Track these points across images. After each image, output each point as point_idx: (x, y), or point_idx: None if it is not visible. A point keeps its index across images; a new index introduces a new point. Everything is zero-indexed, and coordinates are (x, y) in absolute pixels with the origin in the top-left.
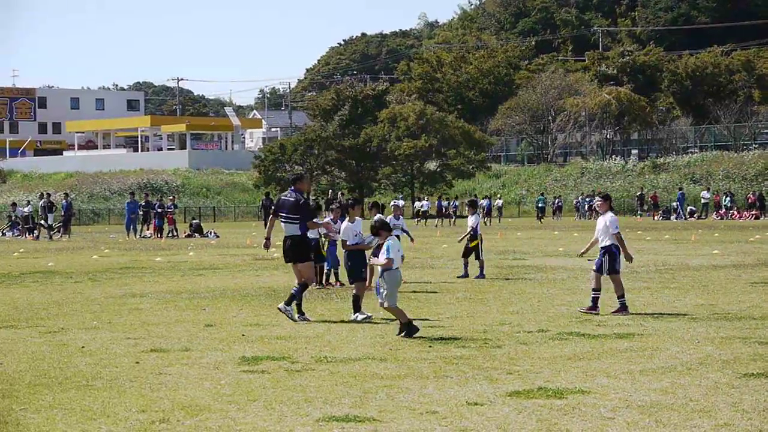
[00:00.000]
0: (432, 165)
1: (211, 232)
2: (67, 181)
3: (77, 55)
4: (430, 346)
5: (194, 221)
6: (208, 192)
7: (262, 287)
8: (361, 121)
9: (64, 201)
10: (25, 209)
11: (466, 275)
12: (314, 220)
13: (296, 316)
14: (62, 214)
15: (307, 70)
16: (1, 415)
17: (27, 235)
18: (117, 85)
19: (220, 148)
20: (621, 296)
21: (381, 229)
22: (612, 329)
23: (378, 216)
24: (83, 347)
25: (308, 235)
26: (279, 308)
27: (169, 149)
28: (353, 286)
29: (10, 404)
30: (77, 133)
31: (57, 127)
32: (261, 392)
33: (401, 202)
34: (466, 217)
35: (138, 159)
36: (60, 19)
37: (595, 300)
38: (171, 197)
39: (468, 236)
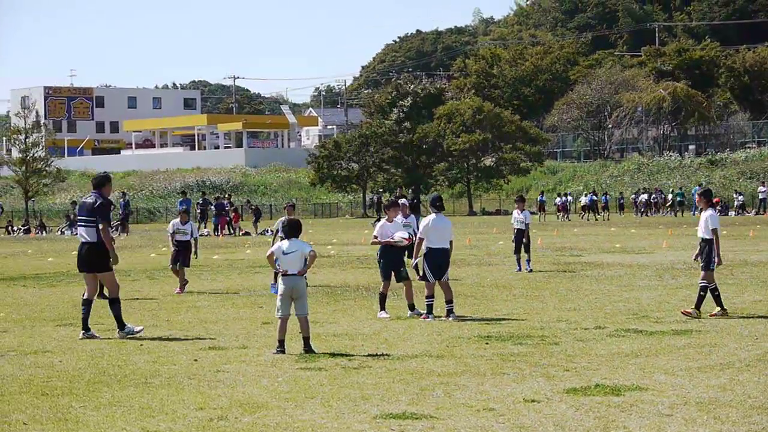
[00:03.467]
0: (488, 161)
1: (267, 230)
2: (125, 180)
3: (134, 54)
4: (486, 344)
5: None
6: (266, 190)
7: (318, 285)
8: (417, 117)
9: (121, 200)
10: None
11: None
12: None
13: (134, 328)
14: (120, 212)
15: (363, 67)
16: (61, 412)
17: None
18: (174, 84)
19: (276, 146)
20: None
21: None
22: (670, 326)
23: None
24: (142, 345)
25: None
26: (118, 337)
27: (225, 147)
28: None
29: (70, 401)
30: (134, 132)
31: (114, 126)
32: (318, 389)
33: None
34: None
35: (195, 157)
36: (117, 18)
37: (429, 306)
38: (227, 195)
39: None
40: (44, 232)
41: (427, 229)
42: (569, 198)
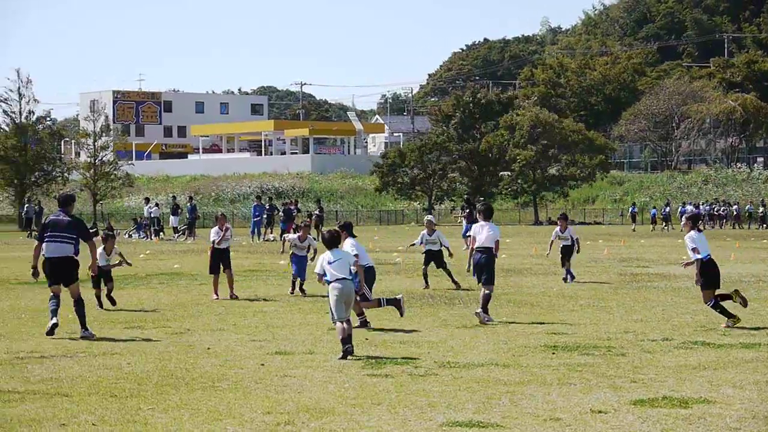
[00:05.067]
0: (553, 170)
1: None
2: (192, 184)
3: (202, 59)
4: (553, 353)
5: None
6: (332, 196)
7: (384, 291)
8: (482, 125)
9: (188, 204)
10: (152, 211)
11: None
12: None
13: (86, 332)
14: (187, 217)
15: (430, 75)
16: (129, 414)
17: (153, 237)
18: (240, 90)
19: (343, 153)
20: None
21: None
22: (738, 339)
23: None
24: (209, 348)
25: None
26: (81, 336)
27: (292, 153)
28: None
29: (138, 404)
30: (202, 136)
31: (182, 131)
32: (385, 396)
33: (432, 218)
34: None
35: (261, 163)
36: (186, 24)
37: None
38: (292, 200)
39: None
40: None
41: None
42: (710, 209)
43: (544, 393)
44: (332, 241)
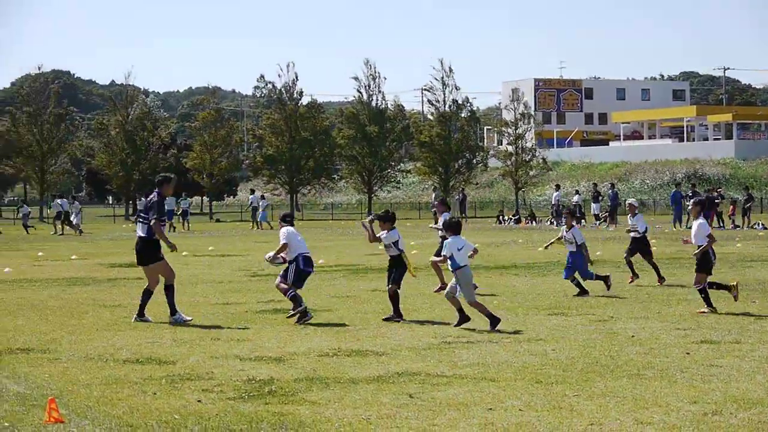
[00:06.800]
0: None
1: (759, 224)
2: (613, 171)
3: (624, 45)
4: None
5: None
6: (756, 183)
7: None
8: None
9: (610, 191)
10: (574, 198)
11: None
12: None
13: (183, 317)
14: (608, 203)
15: None
16: (555, 400)
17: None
18: (663, 75)
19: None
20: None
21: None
22: None
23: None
24: (633, 336)
25: None
26: (170, 322)
27: (714, 139)
28: None
29: (564, 390)
30: (622, 123)
31: (603, 118)
32: None
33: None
34: None
35: (683, 149)
36: (610, 13)
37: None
38: (715, 187)
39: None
40: (534, 222)
41: None
42: None
43: None
44: (455, 228)
